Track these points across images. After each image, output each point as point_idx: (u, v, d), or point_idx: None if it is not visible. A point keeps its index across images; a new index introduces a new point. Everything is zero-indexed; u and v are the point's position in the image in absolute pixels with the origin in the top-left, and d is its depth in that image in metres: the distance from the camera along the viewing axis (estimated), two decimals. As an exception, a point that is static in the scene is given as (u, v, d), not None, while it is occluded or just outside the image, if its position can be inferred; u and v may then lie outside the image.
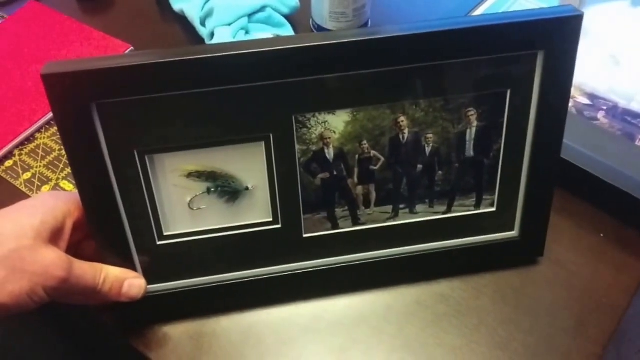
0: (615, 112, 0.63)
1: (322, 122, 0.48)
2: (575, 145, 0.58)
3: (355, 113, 0.48)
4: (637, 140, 0.61)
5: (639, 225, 0.58)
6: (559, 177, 0.52)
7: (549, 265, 0.56)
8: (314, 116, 0.47)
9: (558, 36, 0.45)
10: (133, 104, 0.44)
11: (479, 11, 0.78)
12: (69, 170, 0.65)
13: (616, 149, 0.59)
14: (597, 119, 0.63)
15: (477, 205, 0.53)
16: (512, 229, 0.55)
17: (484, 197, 0.53)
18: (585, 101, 0.64)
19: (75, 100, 0.43)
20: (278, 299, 0.54)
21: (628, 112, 0.63)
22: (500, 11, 0.78)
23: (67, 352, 0.64)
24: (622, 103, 0.64)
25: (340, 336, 0.53)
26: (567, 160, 0.57)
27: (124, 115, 0.45)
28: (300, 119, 0.47)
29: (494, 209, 0.54)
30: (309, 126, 0.48)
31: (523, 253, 0.56)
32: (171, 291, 0.52)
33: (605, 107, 0.64)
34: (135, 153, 0.47)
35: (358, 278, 0.55)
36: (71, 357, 0.65)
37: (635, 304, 0.54)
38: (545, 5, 0.78)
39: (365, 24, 0.76)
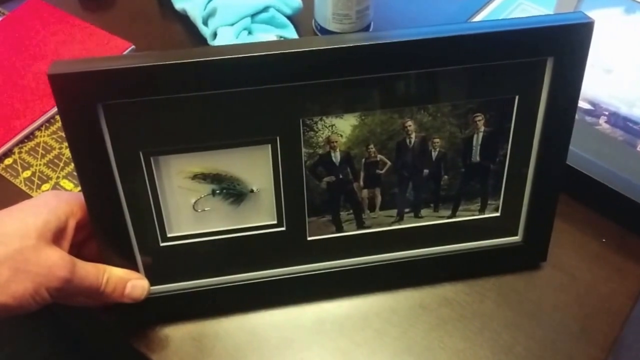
0: (617, 117, 0.63)
1: (330, 126, 0.48)
2: (577, 150, 0.58)
3: (363, 117, 0.47)
4: (639, 146, 0.61)
5: (640, 231, 0.59)
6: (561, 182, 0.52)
7: (552, 270, 0.56)
8: (321, 119, 0.47)
9: (568, 43, 0.45)
10: (139, 105, 0.44)
11: (480, 16, 0.78)
12: (69, 168, 0.64)
13: (618, 154, 0.60)
14: (598, 124, 0.63)
15: (482, 210, 0.53)
16: (515, 234, 0.55)
17: (489, 202, 0.53)
18: (587, 106, 0.64)
19: (81, 100, 0.43)
20: (281, 301, 0.54)
21: (629, 118, 0.63)
22: (501, 16, 0.78)
23: (68, 353, 0.64)
24: (624, 109, 0.64)
25: (344, 339, 0.52)
26: (569, 165, 0.57)
27: (130, 116, 0.44)
28: (308, 122, 0.47)
29: (498, 214, 0.54)
30: (316, 129, 0.48)
31: (526, 258, 0.56)
32: (174, 292, 0.52)
33: (606, 113, 0.64)
34: (141, 154, 0.46)
35: (362, 281, 0.55)
36: (72, 358, 0.64)
37: (636, 309, 0.55)
38: (545, 10, 0.78)
39: (368, 27, 0.76)
